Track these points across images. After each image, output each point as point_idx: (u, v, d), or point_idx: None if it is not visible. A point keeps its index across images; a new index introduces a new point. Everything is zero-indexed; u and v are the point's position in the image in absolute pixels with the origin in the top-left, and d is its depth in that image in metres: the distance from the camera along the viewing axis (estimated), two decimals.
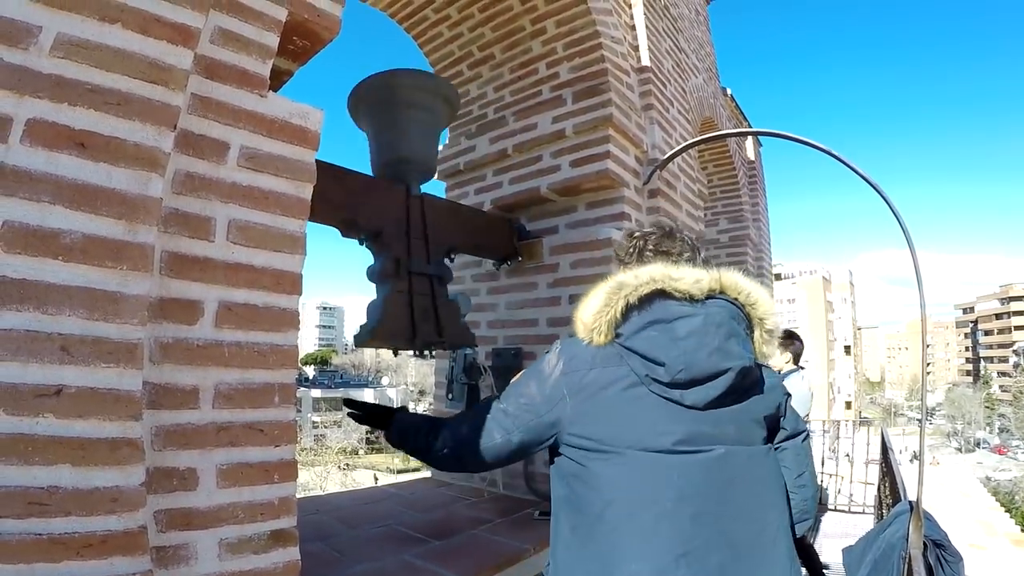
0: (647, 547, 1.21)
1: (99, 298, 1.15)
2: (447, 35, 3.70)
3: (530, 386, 1.42)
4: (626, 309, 1.36)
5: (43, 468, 1.08)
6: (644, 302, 1.36)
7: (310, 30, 1.63)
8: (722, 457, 1.28)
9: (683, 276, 1.36)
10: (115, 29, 1.21)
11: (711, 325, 1.32)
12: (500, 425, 1.43)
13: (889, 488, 4.88)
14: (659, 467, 1.25)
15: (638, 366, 1.32)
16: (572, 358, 1.39)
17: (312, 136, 1.58)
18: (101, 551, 1.12)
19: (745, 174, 7.25)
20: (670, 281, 1.35)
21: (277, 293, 1.49)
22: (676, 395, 1.29)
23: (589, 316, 1.39)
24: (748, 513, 1.28)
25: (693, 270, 1.39)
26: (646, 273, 1.37)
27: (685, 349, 1.28)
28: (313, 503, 3.15)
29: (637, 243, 1.62)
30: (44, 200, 1.11)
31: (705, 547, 1.21)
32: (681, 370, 1.27)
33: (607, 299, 1.37)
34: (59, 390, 1.10)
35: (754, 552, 1.25)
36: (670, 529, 1.21)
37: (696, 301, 1.35)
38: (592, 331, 1.38)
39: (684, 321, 1.32)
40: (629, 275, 1.39)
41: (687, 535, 1.21)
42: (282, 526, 1.45)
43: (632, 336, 1.34)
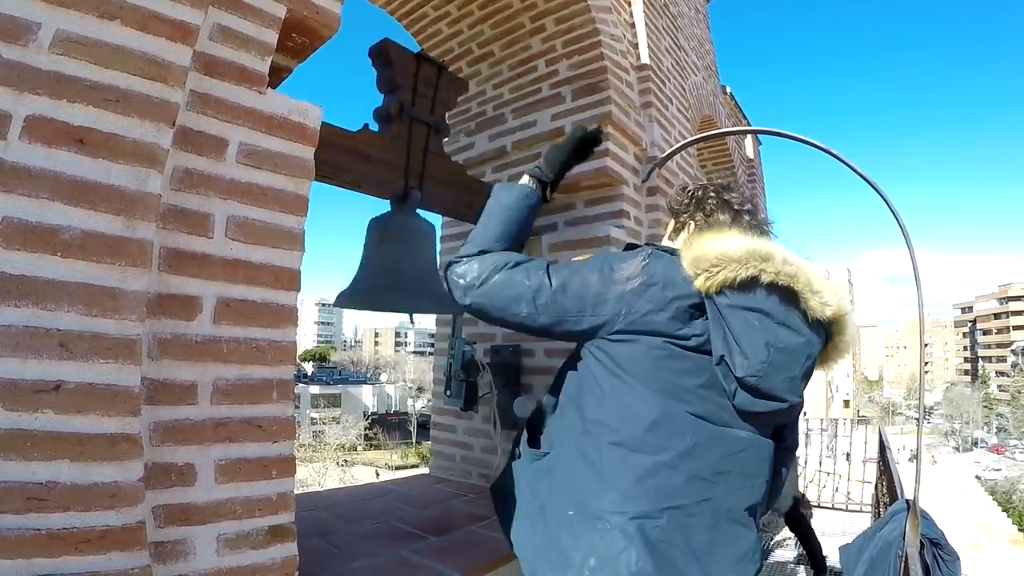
0: (640, 488, 1.23)
1: (98, 294, 1.16)
2: (446, 32, 3.69)
3: (591, 279, 1.32)
4: (751, 280, 1.25)
5: (42, 463, 1.08)
6: (772, 288, 1.25)
7: (309, 27, 1.63)
8: (732, 436, 1.29)
9: (823, 291, 1.27)
10: (114, 26, 1.21)
11: (803, 354, 1.26)
12: (533, 300, 1.33)
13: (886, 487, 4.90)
14: (676, 421, 1.25)
15: (719, 341, 1.25)
16: (652, 282, 1.29)
17: (311, 133, 1.58)
18: (99, 546, 1.13)
19: (744, 172, 7.25)
20: (809, 290, 1.25)
21: (275, 289, 1.49)
22: (731, 388, 1.25)
23: (714, 254, 1.26)
24: (737, 491, 1.30)
25: (830, 285, 1.29)
26: (796, 265, 1.26)
27: (772, 360, 1.22)
28: (311, 499, 3.15)
29: (695, 193, 1.57)
30: (43, 196, 1.12)
31: (691, 508, 1.23)
32: (757, 377, 1.22)
33: (745, 255, 1.25)
34: (58, 386, 1.11)
35: (730, 525, 1.28)
36: (666, 480, 1.23)
37: (809, 319, 1.27)
38: (705, 271, 1.26)
39: (788, 332, 1.25)
40: (779, 252, 1.27)
41: (679, 491, 1.23)
42: (280, 522, 1.45)
43: (735, 309, 1.24)
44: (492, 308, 1.37)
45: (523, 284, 1.34)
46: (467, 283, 1.39)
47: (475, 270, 1.39)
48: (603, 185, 3.30)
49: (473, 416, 3.57)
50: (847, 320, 1.32)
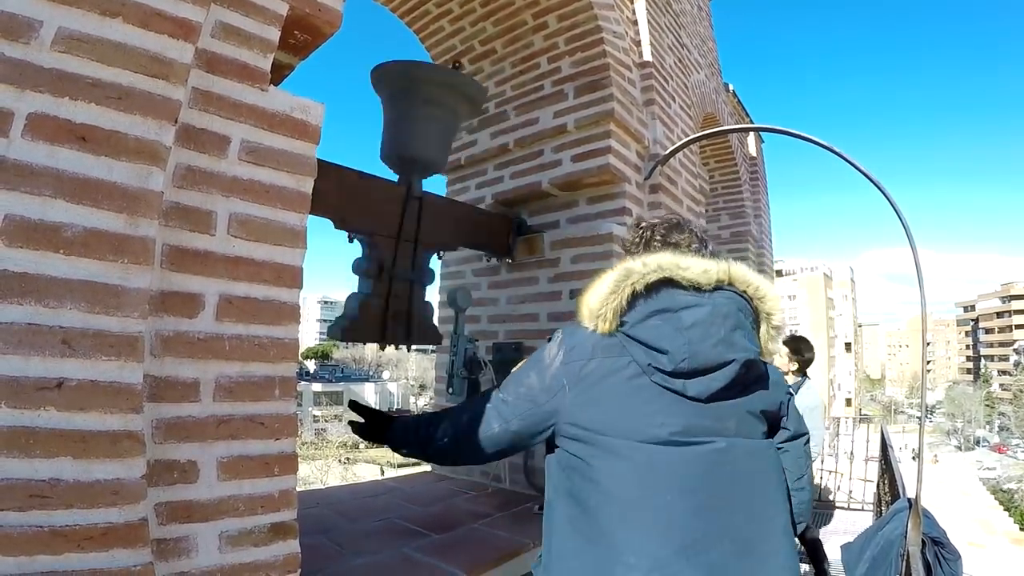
0: (646, 540, 1.20)
1: (100, 291, 1.16)
2: (448, 29, 3.69)
3: (530, 375, 1.42)
4: (632, 297, 1.34)
5: (44, 461, 1.08)
6: (651, 290, 1.34)
7: (311, 24, 1.63)
8: (723, 450, 1.27)
9: (691, 266, 1.34)
10: (116, 23, 1.21)
11: (717, 316, 1.30)
12: (499, 414, 1.43)
13: (888, 485, 4.89)
14: (660, 459, 1.24)
15: (640, 355, 1.31)
16: (573, 347, 1.38)
17: (313, 130, 1.58)
18: (102, 543, 1.13)
19: (747, 170, 7.24)
20: (678, 270, 1.33)
21: (278, 286, 1.49)
22: (678, 385, 1.28)
23: (595, 302, 1.37)
24: (749, 508, 1.27)
25: (702, 260, 1.37)
26: (654, 261, 1.35)
27: (690, 339, 1.27)
28: (313, 496, 3.16)
29: (644, 233, 1.60)
30: (45, 194, 1.12)
31: (706, 540, 1.19)
32: (684, 359, 1.26)
33: (614, 286, 1.35)
34: (60, 383, 1.11)
35: (756, 547, 1.24)
36: (670, 522, 1.20)
37: (703, 291, 1.34)
38: (597, 318, 1.36)
39: (690, 311, 1.30)
40: (637, 263, 1.37)
41: (688, 528, 1.20)
42: (282, 519, 1.46)
43: (637, 324, 1.32)
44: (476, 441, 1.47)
45: (487, 409, 1.46)
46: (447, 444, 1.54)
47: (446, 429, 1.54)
48: (605, 183, 3.29)
49: None
50: (738, 274, 1.39)
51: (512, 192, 3.57)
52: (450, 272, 3.94)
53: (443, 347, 3.56)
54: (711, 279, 1.34)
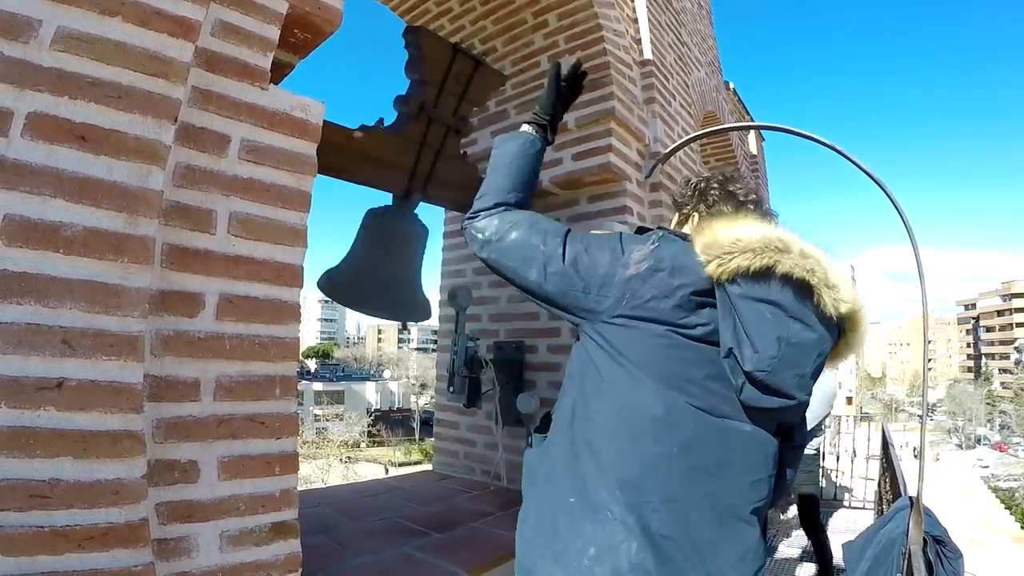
0: (639, 479, 1.20)
1: (100, 291, 1.15)
2: (449, 28, 3.69)
3: (603, 257, 1.29)
4: (766, 269, 1.18)
5: (45, 461, 1.08)
6: (787, 280, 1.19)
7: (311, 23, 1.63)
8: (735, 429, 1.25)
9: (838, 286, 1.20)
10: (115, 22, 1.21)
11: (815, 350, 1.21)
12: (545, 267, 1.31)
13: (889, 484, 4.89)
14: (676, 412, 1.21)
15: (728, 333, 1.19)
16: (659, 268, 1.24)
17: (313, 129, 1.57)
18: (103, 543, 1.13)
19: (748, 168, 7.23)
20: (824, 285, 1.19)
21: (278, 286, 1.49)
22: (738, 382, 1.19)
23: (728, 241, 1.21)
24: (739, 485, 1.26)
25: (846, 280, 1.23)
26: (814, 258, 1.20)
27: (783, 356, 1.17)
28: (315, 496, 3.16)
29: (698, 185, 1.53)
30: (45, 193, 1.12)
31: (691, 501, 1.20)
32: (765, 372, 1.16)
33: (762, 243, 1.19)
34: (60, 383, 1.11)
35: (733, 520, 1.25)
36: (666, 473, 1.20)
37: (823, 315, 1.21)
38: (717, 258, 1.20)
39: (800, 327, 1.19)
40: (797, 244, 1.21)
41: (678, 484, 1.20)
42: (283, 518, 1.46)
43: (747, 299, 1.18)
44: (505, 266, 1.37)
45: (538, 248, 1.33)
46: (485, 238, 1.39)
47: (494, 225, 1.39)
48: (606, 181, 3.29)
49: (476, 413, 3.57)
50: (861, 316, 1.26)
51: None
52: (451, 271, 3.94)
53: (444, 346, 3.56)
54: (840, 312, 1.21)
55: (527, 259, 1.33)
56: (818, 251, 1.23)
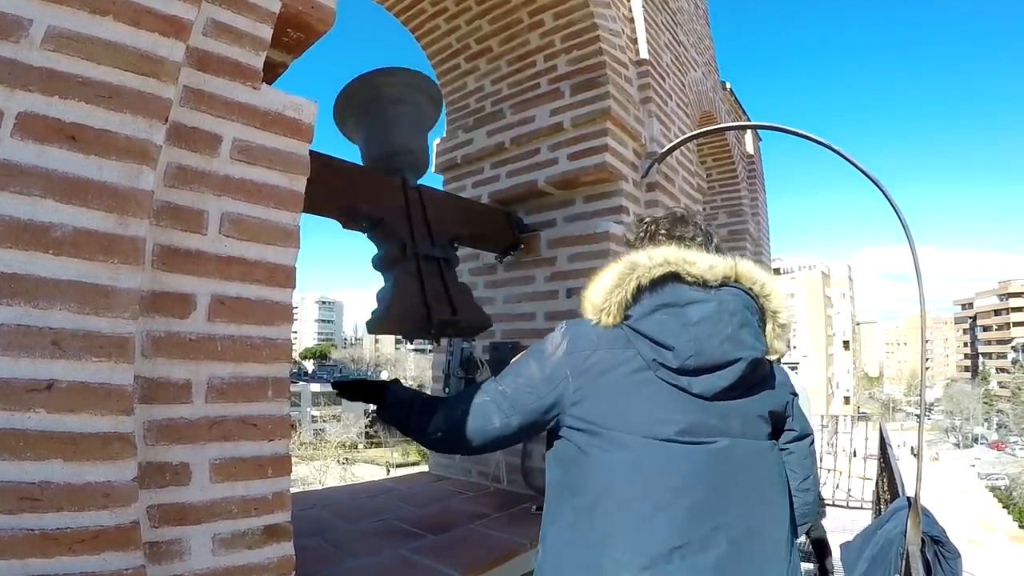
0: (641, 537, 1.19)
1: (90, 292, 1.14)
2: (444, 28, 3.68)
3: (531, 366, 1.39)
4: (637, 290, 1.32)
5: (35, 463, 1.07)
6: (656, 284, 1.32)
7: (304, 22, 1.62)
8: (726, 450, 1.25)
9: (697, 260, 1.33)
10: (106, 21, 1.20)
11: (724, 312, 1.29)
12: (499, 408, 1.39)
13: (887, 483, 4.89)
14: (660, 456, 1.23)
15: (646, 350, 1.29)
16: (577, 338, 1.36)
17: (306, 128, 1.56)
18: (93, 546, 1.11)
19: (744, 168, 7.24)
20: (684, 264, 1.32)
21: (270, 286, 1.47)
22: (684, 382, 1.26)
23: (599, 296, 1.36)
24: (749, 509, 1.25)
25: (708, 255, 1.36)
26: (660, 255, 1.34)
27: (696, 335, 1.25)
28: (310, 497, 3.15)
29: (649, 227, 1.58)
30: (35, 193, 1.10)
31: (702, 541, 1.18)
32: (691, 356, 1.24)
33: (619, 279, 1.34)
34: (50, 384, 1.09)
35: (754, 549, 1.23)
36: (667, 520, 1.19)
37: (709, 287, 1.32)
38: (601, 311, 1.35)
39: (697, 307, 1.29)
40: (642, 255, 1.35)
41: (684, 527, 1.18)
42: (276, 521, 1.44)
43: (642, 318, 1.30)
44: (472, 436, 1.43)
45: (484, 402, 1.42)
46: (440, 437, 1.49)
47: (436, 421, 1.50)
48: (602, 181, 3.29)
49: None
50: (745, 271, 1.37)
51: (509, 191, 3.56)
52: None
53: (439, 347, 3.55)
54: (717, 275, 1.32)
55: (483, 415, 1.41)
56: (667, 248, 1.38)
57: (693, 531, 1.18)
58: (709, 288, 1.32)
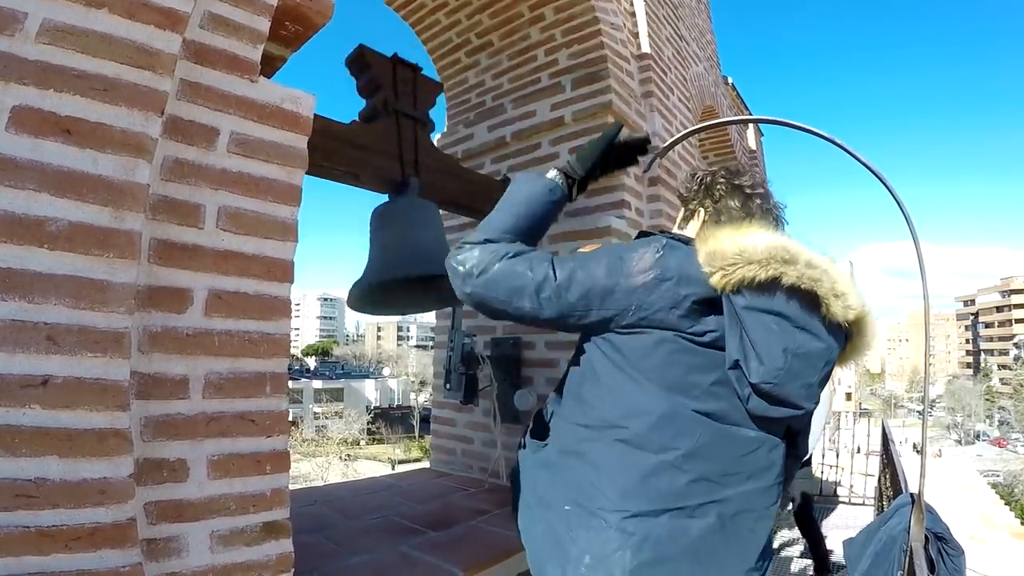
0: (639, 486, 1.19)
1: (85, 286, 1.13)
2: (444, 22, 3.67)
3: (599, 270, 1.25)
4: (771, 281, 1.16)
5: (30, 460, 1.07)
6: (793, 291, 1.17)
7: (302, 15, 1.60)
8: (744, 436, 1.24)
9: (846, 293, 1.19)
10: (101, 14, 1.19)
11: (822, 359, 1.20)
12: (538, 294, 1.25)
13: (890, 480, 4.88)
14: (684, 417, 1.21)
15: (735, 345, 1.18)
16: (668, 279, 1.21)
17: (304, 121, 1.55)
18: (90, 544, 1.11)
19: (747, 163, 7.22)
20: (831, 294, 1.17)
21: (268, 281, 1.47)
22: (745, 392, 1.19)
23: (733, 250, 1.18)
24: (746, 495, 1.25)
25: (853, 287, 1.21)
26: (820, 268, 1.18)
27: (790, 368, 1.16)
28: (311, 494, 3.14)
29: (704, 179, 1.48)
30: (29, 187, 1.10)
31: (694, 510, 1.19)
32: (771, 384, 1.15)
33: (767, 254, 1.17)
34: (45, 380, 1.09)
35: (739, 528, 1.23)
36: (668, 481, 1.19)
37: (830, 323, 1.20)
38: (722, 269, 1.18)
39: (808, 338, 1.18)
40: (803, 254, 1.18)
41: (682, 493, 1.19)
42: (275, 518, 1.44)
43: (752, 311, 1.17)
44: (493, 299, 1.28)
45: (526, 276, 1.26)
46: (466, 271, 1.29)
47: (475, 258, 1.29)
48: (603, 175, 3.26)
49: (473, 409, 3.56)
50: (868, 321, 1.25)
51: None
52: None
53: (441, 343, 3.54)
54: (848, 318, 1.20)
55: (517, 289, 1.26)
56: (825, 260, 1.21)
57: (689, 498, 1.19)
58: (830, 323, 1.20)
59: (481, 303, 1.31)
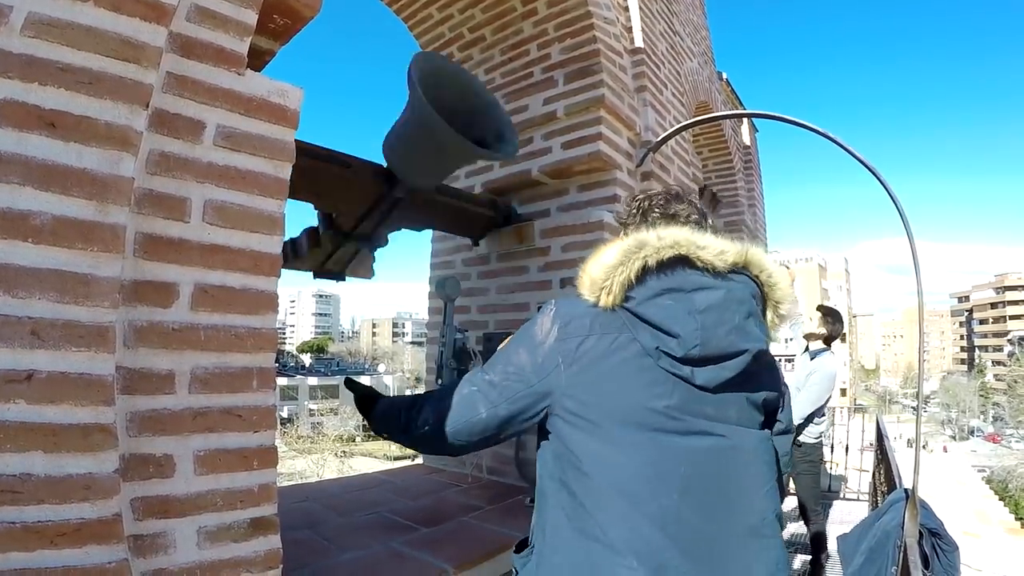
0: (648, 539, 1.15)
1: (69, 280, 1.13)
2: (436, 17, 3.66)
3: (519, 353, 1.30)
4: (643, 271, 1.23)
5: (15, 455, 1.06)
6: (664, 267, 1.23)
7: (290, 8, 1.60)
8: (725, 443, 1.22)
9: (708, 244, 1.24)
10: (87, 7, 1.18)
11: (732, 301, 1.22)
12: (486, 397, 1.30)
13: (884, 475, 4.90)
14: (662, 451, 1.18)
15: (647, 337, 1.21)
16: (569, 322, 1.26)
17: (291, 115, 1.54)
18: (75, 540, 1.11)
19: (741, 159, 7.22)
20: (695, 248, 1.23)
21: (255, 275, 1.46)
22: (686, 372, 1.19)
23: (600, 272, 1.26)
24: (749, 504, 1.23)
25: (719, 240, 1.28)
26: (670, 236, 1.25)
27: (703, 323, 1.18)
28: (303, 490, 3.14)
29: (642, 204, 1.50)
30: (13, 181, 1.09)
31: (707, 537, 1.16)
32: (696, 345, 1.17)
33: (623, 256, 1.24)
34: (30, 375, 1.08)
35: (755, 541, 1.21)
36: (675, 521, 1.15)
37: (718, 273, 1.24)
38: (601, 289, 1.25)
39: (704, 293, 1.21)
40: (651, 235, 1.26)
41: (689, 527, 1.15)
42: (262, 514, 1.43)
43: (645, 302, 1.22)
44: (458, 428, 1.34)
45: (471, 392, 1.34)
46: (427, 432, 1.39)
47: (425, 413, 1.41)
48: (596, 170, 3.27)
49: None
50: (754, 258, 1.31)
51: (502, 180, 3.54)
52: (440, 262, 3.91)
53: (433, 338, 3.53)
54: (727, 261, 1.25)
55: (470, 405, 1.33)
56: (676, 229, 1.28)
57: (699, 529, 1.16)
58: (717, 274, 1.25)
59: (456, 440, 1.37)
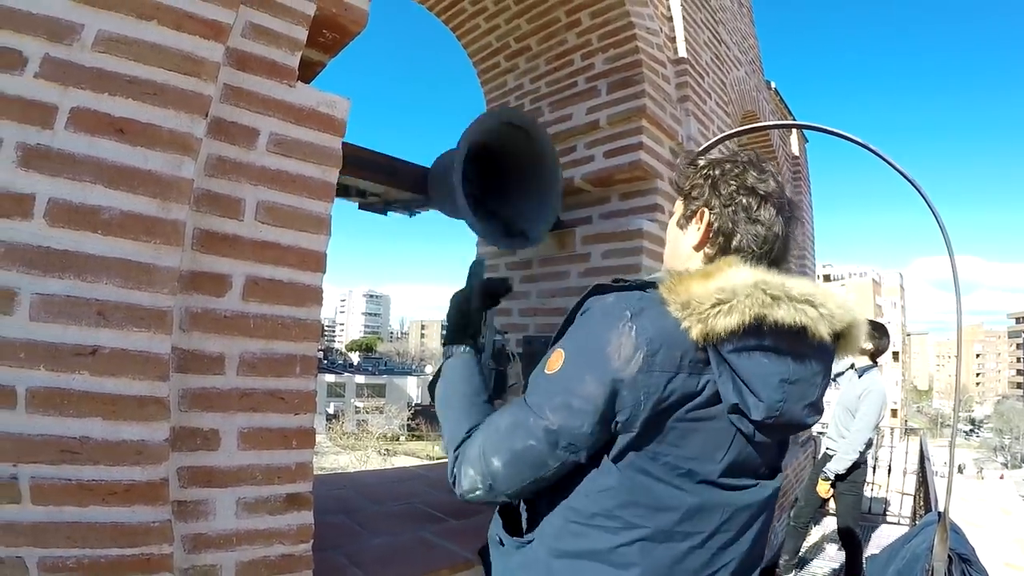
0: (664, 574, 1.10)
1: (133, 268, 1.26)
2: (484, 27, 3.75)
3: (586, 383, 1.05)
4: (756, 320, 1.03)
5: (76, 420, 1.20)
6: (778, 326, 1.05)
7: (338, 23, 1.71)
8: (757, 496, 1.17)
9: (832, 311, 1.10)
10: (151, 25, 1.32)
11: (818, 375, 1.14)
12: (551, 451, 1.07)
13: (923, 499, 4.80)
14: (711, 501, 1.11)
15: (730, 390, 1.05)
16: (657, 350, 1.03)
17: (339, 123, 1.66)
18: (125, 499, 1.23)
19: (789, 170, 7.15)
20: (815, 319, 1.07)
21: (302, 270, 1.58)
22: (749, 430, 1.10)
23: (707, 297, 1.04)
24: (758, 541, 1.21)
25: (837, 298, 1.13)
26: (798, 288, 1.07)
27: (789, 395, 1.07)
28: (341, 479, 3.26)
29: (711, 172, 1.28)
30: (86, 180, 1.23)
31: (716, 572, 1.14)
32: (776, 416, 1.06)
33: (747, 293, 1.04)
34: (94, 350, 1.21)
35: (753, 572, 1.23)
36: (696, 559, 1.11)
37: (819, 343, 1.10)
38: (700, 319, 1.02)
39: (799, 364, 1.10)
40: (784, 287, 1.06)
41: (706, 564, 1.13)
42: (298, 490, 1.55)
43: (740, 353, 1.05)
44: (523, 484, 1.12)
45: (526, 448, 1.09)
46: (483, 489, 1.13)
47: (470, 475, 1.14)
48: (637, 179, 3.31)
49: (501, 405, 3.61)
50: (855, 323, 1.17)
51: None
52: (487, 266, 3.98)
53: None
54: (836, 329, 1.13)
55: (533, 464, 1.10)
56: (807, 284, 1.11)
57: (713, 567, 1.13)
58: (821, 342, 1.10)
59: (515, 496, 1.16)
